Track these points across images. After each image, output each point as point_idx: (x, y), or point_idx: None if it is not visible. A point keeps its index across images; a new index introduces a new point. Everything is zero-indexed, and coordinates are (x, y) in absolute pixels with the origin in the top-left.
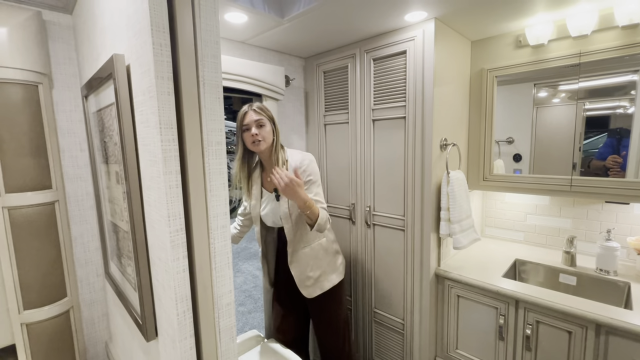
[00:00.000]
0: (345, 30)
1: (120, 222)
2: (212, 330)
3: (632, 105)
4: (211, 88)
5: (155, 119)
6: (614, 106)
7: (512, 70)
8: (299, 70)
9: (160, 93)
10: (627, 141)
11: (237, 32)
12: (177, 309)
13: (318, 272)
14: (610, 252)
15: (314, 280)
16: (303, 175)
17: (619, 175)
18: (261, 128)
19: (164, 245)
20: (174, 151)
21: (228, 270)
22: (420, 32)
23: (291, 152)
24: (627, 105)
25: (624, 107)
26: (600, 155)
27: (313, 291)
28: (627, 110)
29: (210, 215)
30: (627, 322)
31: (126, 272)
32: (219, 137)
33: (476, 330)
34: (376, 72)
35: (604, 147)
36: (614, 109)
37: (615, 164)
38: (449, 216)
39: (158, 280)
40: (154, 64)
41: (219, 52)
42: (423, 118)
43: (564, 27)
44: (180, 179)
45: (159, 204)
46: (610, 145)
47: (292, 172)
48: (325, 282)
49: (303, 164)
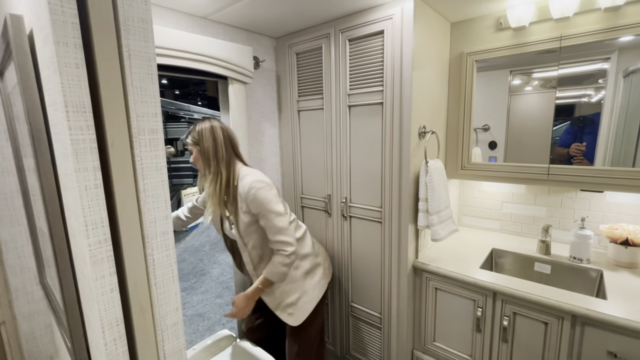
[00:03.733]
0: (318, 6)
1: (44, 227)
2: (155, 357)
3: (597, 93)
4: (140, 61)
5: (61, 100)
6: (580, 95)
7: (492, 54)
8: (269, 51)
9: (64, 65)
10: (591, 129)
11: (197, 5)
12: (104, 337)
13: (297, 295)
14: (583, 241)
15: (294, 306)
16: (252, 206)
17: (583, 162)
18: (192, 155)
19: (84, 260)
20: (90, 142)
21: (173, 284)
22: (399, 10)
23: (243, 176)
24: (592, 94)
25: (589, 95)
26: (562, 142)
27: (298, 318)
28: (591, 99)
29: (145, 220)
30: (602, 313)
31: (56, 285)
32: (153, 124)
33: (454, 323)
34: (352, 54)
35: (565, 134)
36: (579, 98)
37: (579, 152)
38: (428, 207)
39: (85, 300)
40: (51, 25)
41: (150, 16)
42: (401, 104)
43: (546, 9)
44: (100, 178)
45: (76, 209)
46: (572, 133)
47: (240, 199)
48: (307, 303)
49: (249, 194)
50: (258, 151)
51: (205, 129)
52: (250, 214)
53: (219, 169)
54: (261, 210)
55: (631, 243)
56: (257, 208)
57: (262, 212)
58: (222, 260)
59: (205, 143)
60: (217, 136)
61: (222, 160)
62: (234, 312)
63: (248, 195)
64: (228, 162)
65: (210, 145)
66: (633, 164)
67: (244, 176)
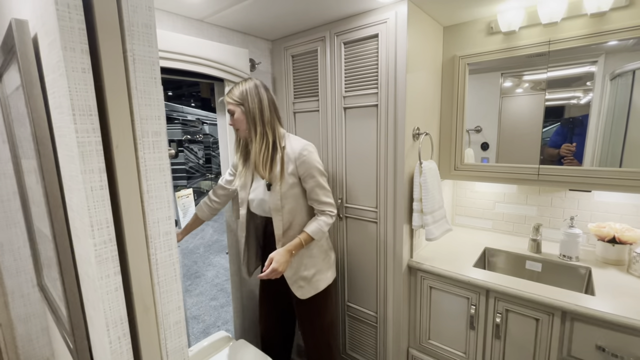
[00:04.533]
0: (313, 10)
1: (45, 228)
2: (157, 355)
3: (586, 95)
4: (144, 65)
5: (67, 103)
6: (570, 97)
7: (483, 57)
8: (265, 53)
9: (71, 69)
10: (580, 130)
11: (194, 8)
12: (109, 335)
13: (312, 271)
14: (572, 239)
15: (307, 280)
16: (301, 168)
17: (573, 163)
18: (232, 116)
19: (89, 260)
20: (95, 144)
21: (175, 283)
22: (393, 14)
23: (291, 139)
24: (581, 96)
25: (577, 97)
26: (552, 143)
27: (307, 292)
28: (580, 101)
29: (148, 221)
30: (591, 309)
31: (56, 286)
32: (156, 127)
33: (448, 321)
34: (347, 57)
35: (555, 135)
36: (569, 100)
37: (569, 152)
38: (422, 207)
39: (88, 300)
40: (59, 31)
41: (153, 22)
42: (396, 106)
43: (535, 14)
44: (105, 179)
45: (81, 210)
46: (562, 134)
47: (287, 160)
48: (320, 281)
49: (302, 155)
50: None
51: (250, 89)
52: (295, 176)
53: (265, 130)
54: (311, 172)
55: (618, 241)
56: (307, 170)
57: (312, 174)
58: (216, 262)
59: (250, 104)
60: (262, 97)
61: (267, 123)
62: (275, 266)
63: (299, 157)
64: (272, 125)
65: (257, 107)
66: (620, 164)
67: (291, 139)
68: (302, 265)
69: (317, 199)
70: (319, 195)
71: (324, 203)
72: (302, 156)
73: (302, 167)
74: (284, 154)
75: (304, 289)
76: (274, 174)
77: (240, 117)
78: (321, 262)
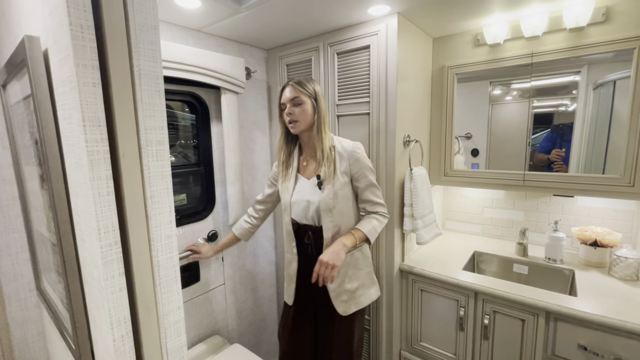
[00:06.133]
0: (307, 22)
1: (48, 232)
2: (158, 353)
3: (573, 103)
4: (149, 80)
5: (78, 115)
6: (557, 104)
7: (471, 68)
8: (261, 62)
9: (82, 84)
10: (569, 136)
11: (191, 18)
12: (113, 333)
13: (356, 284)
14: (557, 242)
15: (350, 294)
16: (355, 166)
17: (562, 168)
18: (297, 107)
19: (95, 262)
20: (103, 153)
21: (175, 284)
22: (384, 26)
23: (340, 139)
24: (569, 104)
25: (565, 105)
26: (542, 148)
27: (348, 308)
28: (568, 108)
29: (151, 225)
30: (573, 309)
31: (57, 289)
32: (160, 136)
33: (438, 322)
34: (340, 67)
35: (545, 141)
36: (556, 107)
37: (559, 158)
38: (412, 212)
39: (92, 301)
40: (72, 49)
41: (158, 39)
42: (387, 114)
43: (518, 28)
44: (112, 185)
45: (88, 215)
46: (551, 140)
47: (339, 159)
48: (363, 297)
49: (355, 152)
50: (249, 159)
51: (320, 91)
52: (347, 175)
53: (326, 128)
54: (364, 171)
55: (599, 244)
56: (360, 169)
57: (365, 172)
58: None
59: (322, 101)
60: (324, 101)
61: (327, 124)
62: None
63: (352, 155)
64: (326, 127)
65: (324, 107)
66: (603, 170)
67: (340, 139)
68: (347, 277)
69: (370, 199)
70: (373, 195)
71: (377, 204)
72: (356, 153)
73: (356, 165)
74: (335, 153)
75: (347, 304)
76: (328, 172)
77: (309, 109)
78: (365, 276)
